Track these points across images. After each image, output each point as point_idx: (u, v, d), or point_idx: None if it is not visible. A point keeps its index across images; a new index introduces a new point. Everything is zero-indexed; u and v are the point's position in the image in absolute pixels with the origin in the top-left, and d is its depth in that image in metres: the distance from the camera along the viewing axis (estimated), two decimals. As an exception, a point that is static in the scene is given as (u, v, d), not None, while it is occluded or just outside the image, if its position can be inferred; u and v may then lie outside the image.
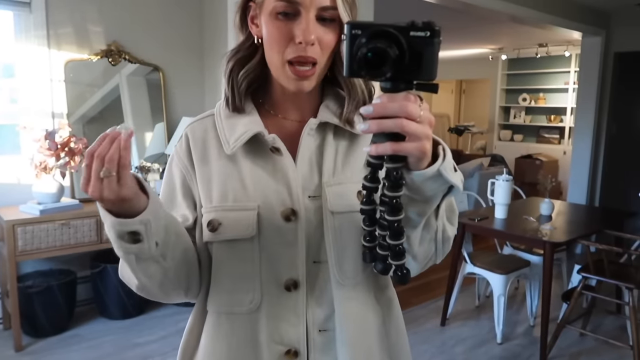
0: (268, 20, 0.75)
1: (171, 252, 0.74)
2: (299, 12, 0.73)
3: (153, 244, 0.68)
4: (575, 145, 5.03)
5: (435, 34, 0.54)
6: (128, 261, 0.70)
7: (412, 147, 0.56)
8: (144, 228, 0.67)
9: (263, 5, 0.76)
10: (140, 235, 0.67)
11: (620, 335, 3.07)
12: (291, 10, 0.73)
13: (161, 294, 0.79)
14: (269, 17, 0.75)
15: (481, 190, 4.75)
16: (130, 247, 0.68)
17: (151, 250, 0.69)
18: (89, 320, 3.06)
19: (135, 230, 0.66)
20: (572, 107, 7.23)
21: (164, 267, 0.74)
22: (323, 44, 0.75)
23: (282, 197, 0.78)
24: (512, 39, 6.68)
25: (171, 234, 0.73)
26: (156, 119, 3.43)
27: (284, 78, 0.77)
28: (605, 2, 4.42)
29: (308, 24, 0.73)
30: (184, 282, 0.80)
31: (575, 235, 2.93)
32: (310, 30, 0.73)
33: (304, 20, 0.73)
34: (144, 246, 0.68)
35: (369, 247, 0.66)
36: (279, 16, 0.74)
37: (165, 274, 0.75)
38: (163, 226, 0.70)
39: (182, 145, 0.84)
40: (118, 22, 3.18)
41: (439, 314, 3.28)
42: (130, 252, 0.69)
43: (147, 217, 0.66)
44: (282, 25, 0.74)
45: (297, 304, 0.78)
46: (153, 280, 0.75)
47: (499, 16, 3.93)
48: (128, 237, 0.67)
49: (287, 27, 0.74)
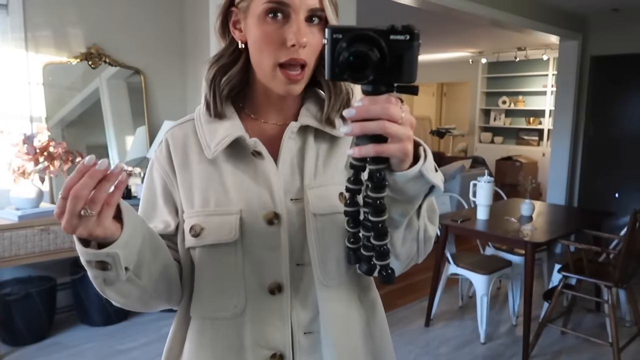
0: (256, 23, 0.75)
1: (147, 270, 0.73)
2: (289, 14, 0.73)
3: (122, 271, 0.67)
4: (554, 147, 5.12)
5: (414, 37, 0.55)
6: (96, 284, 0.70)
7: (394, 149, 0.57)
8: (111, 260, 0.65)
9: (249, 9, 0.76)
10: (107, 265, 0.66)
11: (600, 333, 3.13)
12: (282, 12, 0.73)
13: (141, 306, 0.79)
14: (257, 20, 0.75)
15: (463, 191, 4.81)
16: (97, 273, 0.67)
17: (119, 277, 0.67)
18: (70, 328, 3.01)
19: (103, 260, 0.65)
20: (551, 109, 7.36)
21: (139, 285, 0.73)
22: (311, 46, 0.75)
23: (265, 201, 0.78)
24: (491, 42, 6.78)
25: (146, 254, 0.72)
26: (137, 123, 3.39)
27: (274, 82, 0.77)
28: (581, 6, 4.51)
29: (299, 26, 0.73)
30: (164, 294, 0.79)
31: (555, 235, 2.98)
32: (302, 32, 0.73)
33: (294, 23, 0.73)
34: (110, 274, 0.67)
35: (353, 248, 0.67)
36: (268, 19, 0.74)
37: (143, 290, 0.74)
38: (136, 251, 0.69)
39: (162, 151, 0.83)
40: (98, 25, 3.14)
41: (423, 315, 3.30)
42: (97, 277, 0.68)
43: (114, 251, 0.64)
44: (272, 28, 0.74)
45: (281, 307, 0.78)
46: (130, 298, 0.74)
47: (479, 20, 3.98)
48: (96, 264, 0.66)
49: (278, 30, 0.74)
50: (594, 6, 4.47)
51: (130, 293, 0.73)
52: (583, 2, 4.32)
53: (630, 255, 2.69)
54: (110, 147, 3.31)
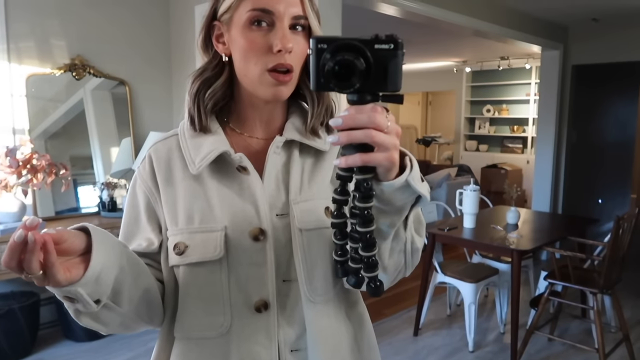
0: (241, 32, 0.75)
1: (127, 297, 0.71)
2: (274, 23, 0.74)
3: (90, 305, 0.64)
4: (538, 154, 5.18)
5: (398, 46, 0.56)
6: (70, 312, 0.68)
7: (381, 158, 0.57)
8: (74, 296, 0.63)
9: (232, 20, 0.76)
10: (73, 299, 0.64)
11: (586, 339, 3.16)
12: (267, 20, 0.74)
13: (122, 330, 0.77)
14: (242, 29, 0.75)
15: (450, 200, 4.84)
16: (67, 304, 0.66)
17: (88, 309, 0.65)
18: (54, 344, 2.94)
19: (68, 295, 0.63)
20: (534, 117, 7.46)
21: (119, 312, 0.71)
22: (296, 53, 0.76)
23: (250, 217, 0.77)
24: (475, 52, 6.87)
25: (125, 282, 0.70)
26: (123, 134, 3.36)
27: (261, 87, 0.76)
28: (562, 17, 4.60)
29: (285, 32, 0.74)
30: (145, 316, 0.78)
31: (541, 242, 3.01)
32: (287, 38, 0.74)
33: (279, 30, 0.74)
34: (79, 306, 0.65)
35: (340, 261, 0.66)
36: (252, 27, 0.74)
37: (124, 316, 0.73)
38: (111, 282, 0.67)
39: (145, 167, 0.82)
40: (82, 36, 3.12)
41: (412, 324, 3.30)
42: (69, 307, 0.67)
43: (75, 289, 0.62)
44: (257, 35, 0.74)
45: (268, 324, 0.77)
46: (110, 325, 0.73)
47: (462, 31, 4.04)
48: (63, 297, 0.64)
49: (263, 37, 0.74)
50: (574, 16, 4.56)
51: (111, 320, 0.72)
52: (564, 12, 4.41)
53: (614, 262, 2.73)
54: (95, 158, 3.27)
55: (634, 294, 3.99)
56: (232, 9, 0.76)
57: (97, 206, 3.18)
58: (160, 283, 0.81)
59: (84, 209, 3.19)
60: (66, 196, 3.05)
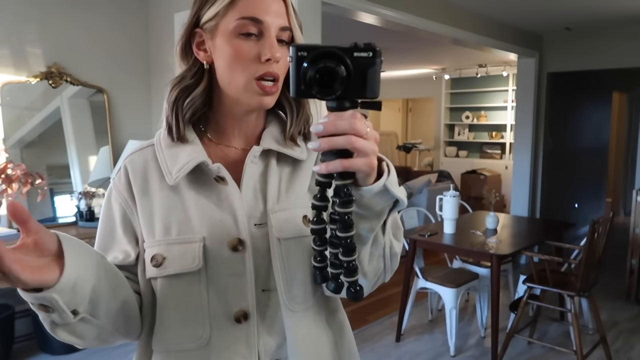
0: (228, 40, 0.75)
1: (105, 309, 0.70)
2: (262, 33, 0.75)
3: (66, 315, 0.63)
4: (516, 160, 5.27)
5: (376, 54, 0.57)
6: (46, 325, 0.66)
7: (361, 163, 0.57)
8: (49, 303, 0.60)
9: (218, 28, 0.76)
10: (49, 308, 0.61)
11: (565, 341, 3.21)
12: (255, 31, 0.74)
13: (98, 344, 0.75)
14: (229, 37, 0.75)
15: (430, 205, 4.88)
16: (42, 315, 0.64)
17: (65, 320, 0.63)
18: (29, 357, 2.87)
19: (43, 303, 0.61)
20: (512, 123, 7.60)
21: (96, 324, 0.69)
22: (282, 63, 0.76)
23: (228, 227, 0.76)
24: (453, 59, 6.97)
25: (103, 294, 0.68)
26: (101, 142, 3.32)
27: (247, 95, 0.76)
28: (537, 25, 4.71)
29: (272, 42, 0.75)
30: (122, 329, 0.76)
31: (520, 247, 3.06)
32: (276, 47, 0.74)
33: (268, 39, 0.74)
34: (54, 316, 0.63)
35: (319, 267, 0.66)
36: (240, 36, 0.75)
37: (101, 329, 0.71)
38: (88, 292, 0.65)
39: (120, 178, 0.81)
40: (59, 44, 3.08)
41: (394, 330, 3.31)
42: (44, 319, 0.65)
43: (50, 295, 0.59)
44: (245, 44, 0.74)
45: (248, 335, 0.76)
46: (86, 338, 0.70)
47: (441, 39, 4.10)
48: (38, 306, 0.62)
49: (252, 46, 0.75)
50: (548, 25, 4.67)
51: (87, 333, 0.69)
52: (539, 21, 4.51)
53: (591, 265, 2.78)
54: (73, 167, 3.22)
55: (610, 296, 4.07)
56: (218, 17, 0.76)
57: (75, 216, 3.12)
58: (138, 295, 0.80)
59: (61, 218, 3.13)
60: (43, 206, 2.99)
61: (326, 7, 2.85)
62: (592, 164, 6.09)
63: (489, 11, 4.14)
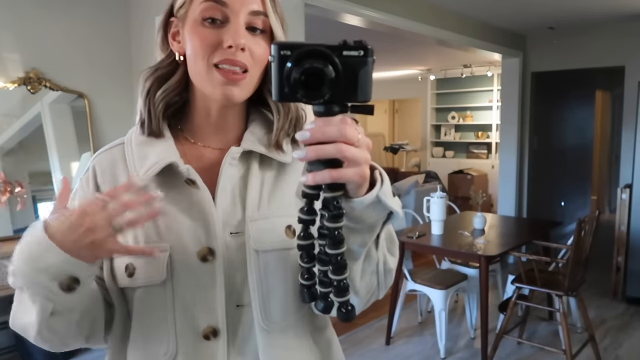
0: (193, 28, 0.71)
1: (79, 304, 0.67)
2: (228, 18, 0.70)
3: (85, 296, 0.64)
4: (502, 160, 5.29)
5: (368, 53, 0.52)
6: (42, 312, 0.63)
7: (352, 173, 0.53)
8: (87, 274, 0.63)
9: (187, 15, 0.72)
10: (78, 284, 0.62)
11: (554, 341, 3.22)
12: (220, 16, 0.70)
13: (60, 345, 0.71)
14: (193, 24, 0.71)
15: (418, 206, 4.88)
16: (58, 297, 0.62)
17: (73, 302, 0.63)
18: (11, 370, 2.81)
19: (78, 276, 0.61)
20: (497, 123, 7.64)
21: (69, 319, 0.67)
22: (254, 55, 0.71)
23: (198, 235, 0.71)
24: (438, 60, 6.99)
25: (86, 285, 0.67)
26: (83, 148, 3.25)
27: (210, 85, 0.71)
28: (521, 26, 4.73)
29: (237, 28, 0.69)
30: (86, 330, 0.72)
31: (507, 247, 3.06)
32: (240, 34, 0.69)
33: (233, 25, 0.70)
34: (73, 297, 0.62)
35: (307, 285, 0.61)
36: (205, 23, 0.70)
37: (69, 325, 0.68)
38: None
39: (88, 180, 0.77)
40: (38, 49, 3.01)
41: (384, 333, 3.29)
42: (53, 301, 0.62)
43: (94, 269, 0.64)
44: (208, 31, 0.70)
45: (216, 353, 0.70)
46: (57, 334, 0.68)
47: (426, 40, 4.10)
48: (66, 282, 0.61)
49: (215, 33, 0.70)
50: (532, 25, 4.70)
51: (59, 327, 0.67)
52: (522, 21, 4.53)
53: (578, 264, 2.79)
54: (55, 173, 3.16)
55: (597, 294, 4.10)
56: (187, 3, 0.72)
57: (57, 224, 3.06)
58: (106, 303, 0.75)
59: (42, 227, 3.06)
60: (25, 213, 2.92)
61: (309, 8, 2.82)
62: (577, 162, 6.14)
63: (472, 12, 4.15)
